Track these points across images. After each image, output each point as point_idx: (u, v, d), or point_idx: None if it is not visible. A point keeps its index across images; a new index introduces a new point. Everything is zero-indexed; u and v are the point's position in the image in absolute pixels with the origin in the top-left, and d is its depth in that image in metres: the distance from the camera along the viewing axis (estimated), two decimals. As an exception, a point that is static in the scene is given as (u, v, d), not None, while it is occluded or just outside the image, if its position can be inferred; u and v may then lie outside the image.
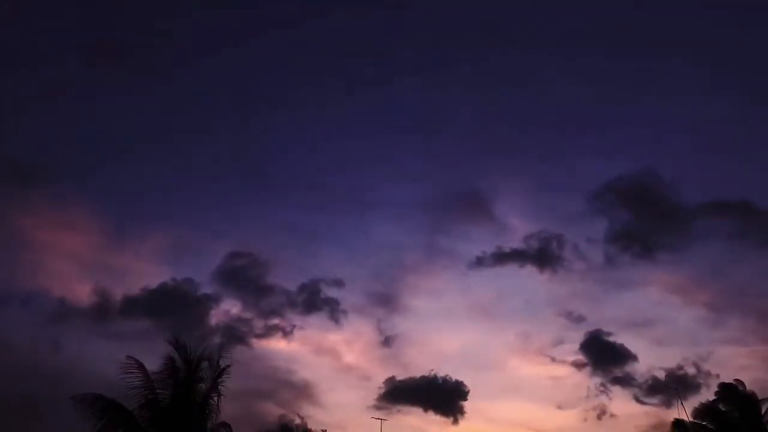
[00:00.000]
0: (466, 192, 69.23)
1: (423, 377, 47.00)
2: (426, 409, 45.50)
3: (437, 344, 64.42)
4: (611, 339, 49.07)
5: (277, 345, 59.31)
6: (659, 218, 53.54)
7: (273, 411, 51.10)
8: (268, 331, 57.93)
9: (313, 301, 64.19)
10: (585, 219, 58.10)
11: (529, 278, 59.15)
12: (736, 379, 31.60)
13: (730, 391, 31.26)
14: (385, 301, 63.64)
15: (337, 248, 70.18)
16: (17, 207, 58.59)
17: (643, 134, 69.63)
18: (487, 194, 68.57)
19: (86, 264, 63.54)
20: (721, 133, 62.64)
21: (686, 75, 64.02)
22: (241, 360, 48.86)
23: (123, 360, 21.25)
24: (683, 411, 20.53)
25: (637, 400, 46.27)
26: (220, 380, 21.92)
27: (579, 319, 52.97)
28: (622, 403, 48.07)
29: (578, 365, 49.84)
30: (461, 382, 46.18)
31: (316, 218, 72.50)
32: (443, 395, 45.84)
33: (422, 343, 63.78)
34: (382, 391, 46.27)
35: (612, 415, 47.10)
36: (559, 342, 56.08)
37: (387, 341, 57.23)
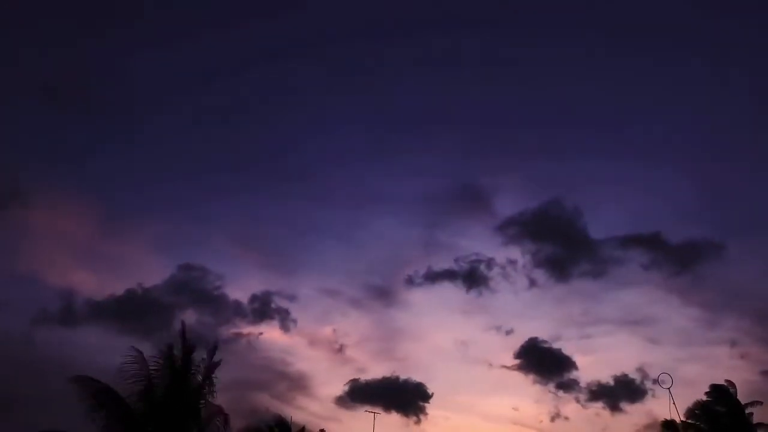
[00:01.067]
0: (466, 187, 68.42)
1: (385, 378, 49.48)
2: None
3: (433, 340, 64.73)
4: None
5: (272, 336, 59.88)
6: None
7: (266, 402, 51.51)
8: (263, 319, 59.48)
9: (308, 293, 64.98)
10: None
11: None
12: (726, 380, 31.99)
13: (720, 392, 31.59)
14: (383, 295, 64.21)
15: (335, 242, 70.53)
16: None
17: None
18: (487, 190, 68.15)
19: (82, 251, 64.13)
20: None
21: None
22: (237, 350, 49.78)
23: (124, 348, 21.51)
24: (675, 411, 20.79)
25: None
26: (213, 370, 22.06)
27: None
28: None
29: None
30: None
31: (314, 212, 73.05)
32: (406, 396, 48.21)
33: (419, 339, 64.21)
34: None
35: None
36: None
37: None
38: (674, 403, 19.88)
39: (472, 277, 59.49)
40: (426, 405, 49.06)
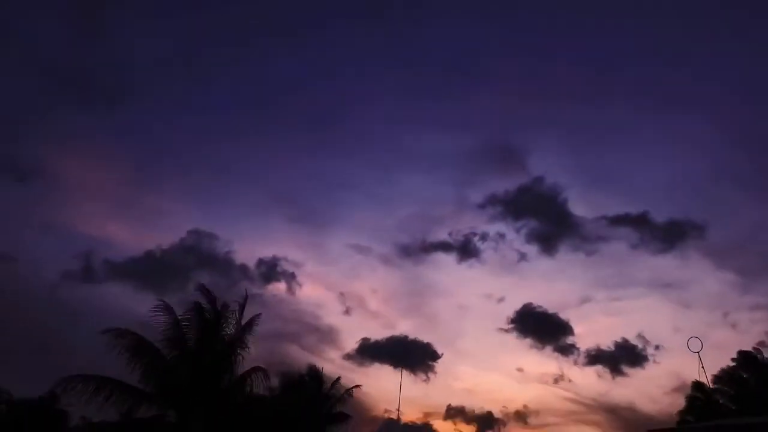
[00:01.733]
0: (500, 144, 67.67)
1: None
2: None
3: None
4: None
5: (304, 291, 60.72)
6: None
7: (297, 354, 52.73)
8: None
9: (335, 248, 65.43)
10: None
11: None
12: (755, 347, 31.76)
13: (748, 358, 31.43)
14: (412, 253, 63.84)
15: (365, 198, 70.35)
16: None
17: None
18: (522, 147, 67.65)
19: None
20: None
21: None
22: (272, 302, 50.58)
23: (152, 301, 21.79)
24: (704, 375, 20.87)
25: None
26: (247, 326, 22.26)
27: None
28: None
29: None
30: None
31: (345, 168, 72.43)
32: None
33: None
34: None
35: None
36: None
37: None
38: (703, 367, 19.88)
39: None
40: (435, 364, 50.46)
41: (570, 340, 54.72)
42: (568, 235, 61.96)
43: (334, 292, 67.41)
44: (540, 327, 54.11)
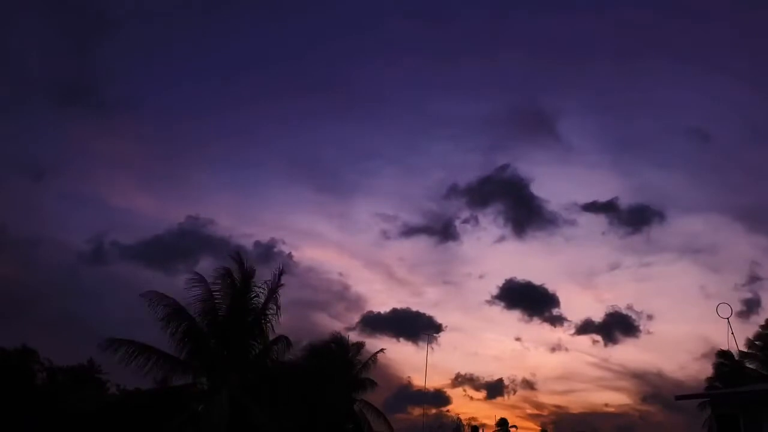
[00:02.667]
0: (529, 109, 65.45)
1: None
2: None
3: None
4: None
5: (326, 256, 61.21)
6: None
7: (325, 321, 53.55)
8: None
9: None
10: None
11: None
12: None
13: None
14: (440, 221, 62.95)
15: (392, 166, 69.37)
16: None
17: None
18: (551, 112, 65.78)
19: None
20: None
21: None
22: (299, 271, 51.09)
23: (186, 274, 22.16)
24: (732, 341, 20.71)
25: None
26: (276, 293, 22.55)
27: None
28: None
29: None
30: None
31: (371, 136, 71.17)
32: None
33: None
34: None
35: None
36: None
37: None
38: (732, 333, 19.67)
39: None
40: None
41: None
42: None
43: (360, 260, 67.70)
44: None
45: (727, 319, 20.73)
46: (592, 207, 61.03)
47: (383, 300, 64.89)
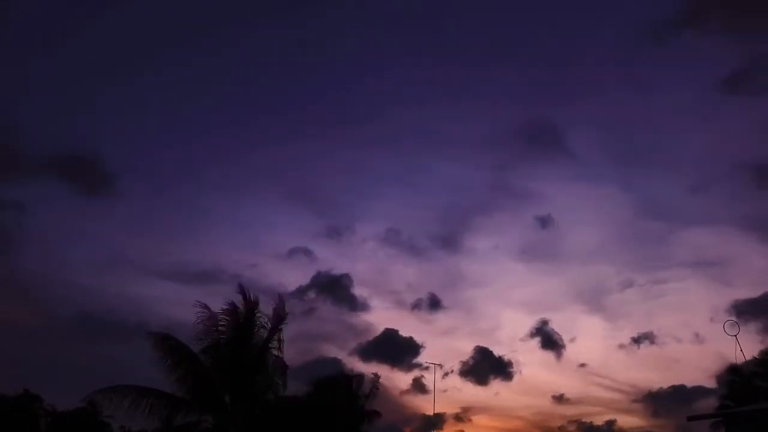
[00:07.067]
0: (536, 124, 62.26)
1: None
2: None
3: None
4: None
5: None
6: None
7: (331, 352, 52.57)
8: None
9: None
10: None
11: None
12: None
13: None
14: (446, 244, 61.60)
15: (395, 189, 67.35)
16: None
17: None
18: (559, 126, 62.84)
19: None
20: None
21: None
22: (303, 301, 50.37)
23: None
24: (740, 354, 20.57)
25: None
26: (280, 327, 22.28)
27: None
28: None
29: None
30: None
31: (372, 157, 69.28)
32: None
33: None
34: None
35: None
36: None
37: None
38: (741, 350, 19.52)
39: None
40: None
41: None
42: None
43: (368, 287, 66.42)
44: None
45: (735, 336, 20.63)
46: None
47: (390, 323, 63.22)
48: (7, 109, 57.86)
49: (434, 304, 57.04)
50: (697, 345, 52.42)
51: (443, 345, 62.29)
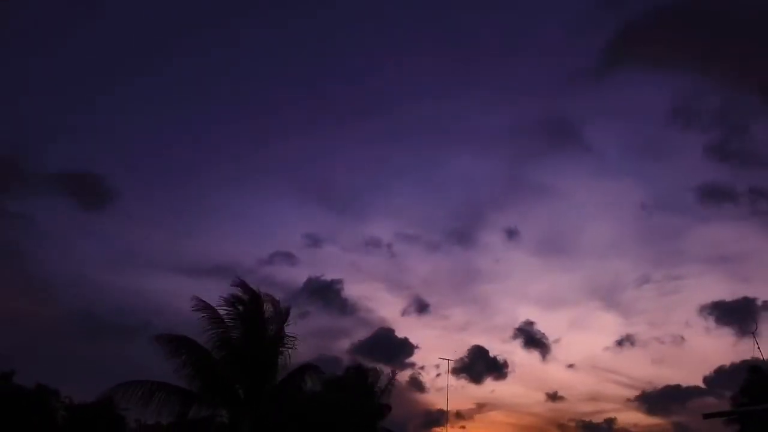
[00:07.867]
0: (552, 119, 61.66)
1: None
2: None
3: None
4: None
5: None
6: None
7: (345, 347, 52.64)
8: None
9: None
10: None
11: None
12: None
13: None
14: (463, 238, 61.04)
15: (412, 183, 66.87)
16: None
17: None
18: (576, 120, 61.61)
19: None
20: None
21: None
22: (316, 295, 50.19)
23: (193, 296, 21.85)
24: (759, 352, 20.36)
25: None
26: (286, 323, 22.29)
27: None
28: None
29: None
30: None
31: (388, 152, 67.64)
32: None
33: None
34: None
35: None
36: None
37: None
38: (759, 348, 19.32)
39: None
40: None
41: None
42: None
43: (381, 282, 66.38)
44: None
45: (753, 333, 20.48)
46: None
47: (401, 319, 63.00)
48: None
49: (445, 300, 56.69)
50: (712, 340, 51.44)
51: (456, 341, 61.91)
